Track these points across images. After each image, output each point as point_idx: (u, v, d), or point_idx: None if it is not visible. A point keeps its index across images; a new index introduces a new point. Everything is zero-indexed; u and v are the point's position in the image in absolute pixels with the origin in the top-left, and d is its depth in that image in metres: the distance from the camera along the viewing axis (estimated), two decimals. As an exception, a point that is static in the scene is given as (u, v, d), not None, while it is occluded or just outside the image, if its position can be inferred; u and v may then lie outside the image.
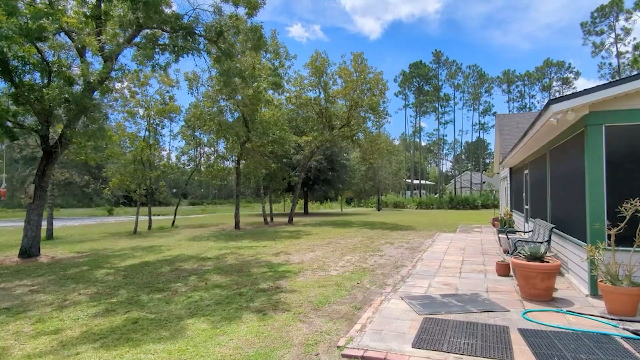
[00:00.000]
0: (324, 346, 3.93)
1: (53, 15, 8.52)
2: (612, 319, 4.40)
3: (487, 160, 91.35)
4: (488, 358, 3.44)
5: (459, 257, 8.89)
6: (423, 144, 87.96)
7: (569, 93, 5.60)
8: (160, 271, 8.00)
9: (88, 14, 9.59)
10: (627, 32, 43.66)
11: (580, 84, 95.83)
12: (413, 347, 3.73)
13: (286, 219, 24.09)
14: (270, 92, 17.29)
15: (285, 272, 7.72)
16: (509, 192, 17.65)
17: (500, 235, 9.88)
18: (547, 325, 4.24)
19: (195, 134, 21.44)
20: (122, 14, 9.13)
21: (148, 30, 10.13)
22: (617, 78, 45.34)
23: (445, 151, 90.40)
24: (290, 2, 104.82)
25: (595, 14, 45.86)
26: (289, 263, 8.73)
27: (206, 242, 12.76)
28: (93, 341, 4.17)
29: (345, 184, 32.96)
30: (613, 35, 44.88)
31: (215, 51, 9.72)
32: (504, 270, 6.89)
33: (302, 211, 35.54)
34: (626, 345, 3.65)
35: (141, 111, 18.33)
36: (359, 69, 20.90)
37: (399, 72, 75.20)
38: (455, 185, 70.98)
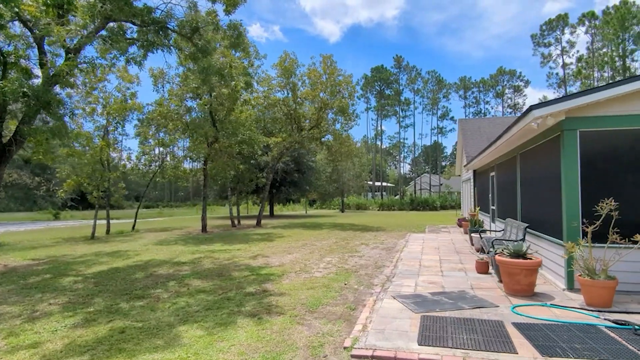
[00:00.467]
0: (329, 348, 3.93)
1: (10, 1, 7.86)
2: (592, 310, 4.76)
3: (444, 163, 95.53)
4: (493, 352, 3.60)
5: (436, 257, 9.20)
6: (384, 146, 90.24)
7: (549, 99, 5.99)
8: (134, 277, 7.60)
9: (49, 2, 8.94)
10: (572, 45, 47.51)
11: (529, 92, 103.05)
12: (419, 344, 3.82)
13: (253, 222, 23.77)
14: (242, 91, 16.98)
15: (268, 275, 7.62)
16: (472, 194, 18.53)
17: (473, 234, 10.33)
18: (537, 318, 4.50)
19: (159, 133, 20.55)
20: (89, 3, 8.59)
21: (114, 24, 9.63)
22: (568, 88, 49.03)
23: (403, 154, 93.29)
24: (249, 1, 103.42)
25: (544, 27, 49.46)
26: (270, 266, 8.62)
27: (175, 246, 12.28)
28: (80, 353, 3.88)
29: (312, 186, 33.03)
30: (560, 47, 48.65)
31: (190, 48, 9.41)
32: (483, 268, 7.23)
33: (268, 213, 35.15)
34: (612, 334, 3.96)
35: (99, 108, 17.33)
36: (328, 71, 21.11)
37: (360, 76, 76.74)
38: (415, 187, 73.34)
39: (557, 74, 49.99)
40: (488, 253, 8.55)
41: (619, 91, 5.44)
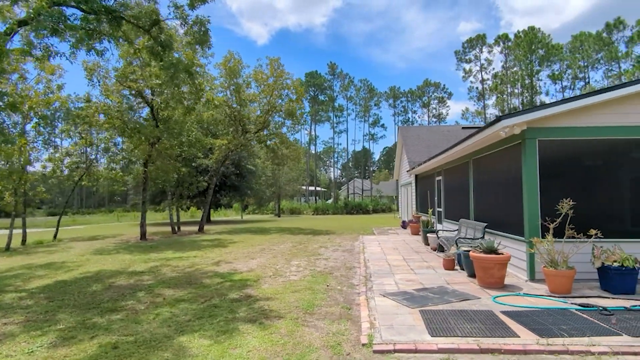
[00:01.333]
0: (348, 346, 4.04)
1: None
2: (558, 297, 5.50)
3: (372, 169, 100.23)
4: (499, 337, 4.02)
5: (399, 257, 9.74)
6: (317, 151, 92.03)
7: (516, 111, 6.77)
8: (91, 290, 6.92)
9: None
10: (489, 62, 53.18)
11: (451, 104, 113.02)
12: (432, 336, 4.11)
13: (192, 228, 22.79)
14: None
15: (243, 280, 7.45)
16: (414, 197, 19.81)
17: (429, 235, 11.10)
18: (519, 306, 5.09)
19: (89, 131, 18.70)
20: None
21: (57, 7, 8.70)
22: (485, 101, 54.44)
23: (334, 159, 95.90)
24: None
25: (466, 44, 54.69)
26: (239, 272, 8.42)
27: (120, 256, 11.34)
28: (79, 374, 3.52)
29: (253, 190, 32.51)
30: (479, 64, 54.14)
31: (147, 41, 8.81)
32: (450, 264, 7.86)
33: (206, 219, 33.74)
34: (584, 315, 4.64)
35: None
36: (275, 74, 21.07)
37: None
38: (348, 191, 75.69)
39: (477, 87, 55.49)
40: (443, 251, 9.29)
41: (570, 107, 6.36)
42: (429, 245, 11.35)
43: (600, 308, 4.82)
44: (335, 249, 11.82)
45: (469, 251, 6.98)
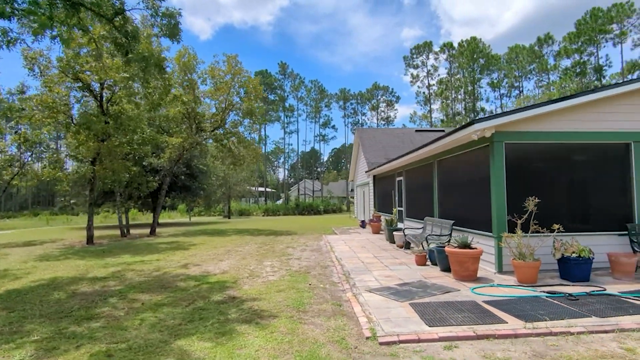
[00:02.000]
0: (353, 340, 4.18)
1: None
2: (526, 286, 6.06)
3: (320, 170, 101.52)
4: (490, 324, 4.38)
5: (369, 254, 10.07)
6: (266, 151, 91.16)
7: (485, 116, 7.32)
8: (54, 298, 6.40)
9: None
10: (435, 69, 56.23)
11: (399, 107, 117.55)
12: (430, 326, 4.38)
13: (139, 231, 21.67)
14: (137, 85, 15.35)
15: (220, 282, 7.31)
16: (372, 197, 20.45)
17: (395, 232, 11.58)
18: (497, 296, 5.55)
19: (21, 126, 17.02)
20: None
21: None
22: (432, 105, 57.37)
23: (285, 159, 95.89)
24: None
25: (414, 51, 57.36)
26: (212, 274, 8.22)
27: (71, 261, 10.52)
28: (80, 385, 3.30)
29: (205, 191, 31.51)
30: (425, 70, 57.04)
31: (113, 33, 8.28)
32: (422, 260, 8.30)
33: (151, 221, 32.13)
34: (555, 302, 5.19)
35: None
36: (233, 71, 20.67)
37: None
38: (299, 192, 75.93)
39: (423, 92, 58.38)
40: (409, 248, 9.77)
41: (531, 113, 7.03)
42: (394, 243, 11.83)
43: (567, 294, 5.41)
44: (303, 249, 11.90)
45: (442, 247, 7.44)
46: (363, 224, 19.38)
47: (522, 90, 50.62)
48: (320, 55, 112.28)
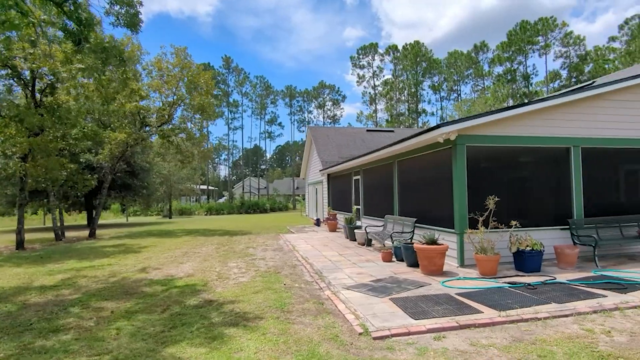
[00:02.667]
0: (346, 336, 4.35)
1: None
2: (489, 278, 6.65)
3: (263, 167, 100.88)
4: (469, 314, 4.78)
5: (334, 252, 10.30)
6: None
7: (451, 120, 7.82)
8: (3, 311, 5.82)
9: None
10: (381, 70, 58.22)
11: (345, 106, 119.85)
12: (415, 319, 4.68)
13: (73, 234, 20.11)
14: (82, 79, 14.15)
15: (189, 286, 7.10)
16: (326, 195, 20.80)
17: (356, 230, 11.93)
18: (466, 288, 6.03)
19: None
20: None
21: None
22: (377, 105, 59.33)
23: (223, 157, 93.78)
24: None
25: (360, 51, 58.90)
26: (177, 277, 7.95)
27: (6, 270, 9.52)
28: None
29: (148, 190, 29.87)
30: (371, 71, 58.84)
31: (62, 20, 7.59)
32: (387, 257, 8.69)
33: (85, 223, 29.88)
34: (517, 291, 5.77)
35: None
36: (182, 65, 19.82)
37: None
38: (243, 190, 74.74)
39: (369, 93, 60.22)
40: (370, 245, 10.19)
41: (491, 118, 7.67)
42: (355, 240, 12.20)
43: (526, 284, 6.03)
44: (264, 249, 11.84)
45: (410, 244, 7.88)
46: (318, 222, 19.65)
47: (460, 94, 54.28)
48: (263, 50, 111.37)
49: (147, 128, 21.11)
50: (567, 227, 8.05)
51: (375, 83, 58.75)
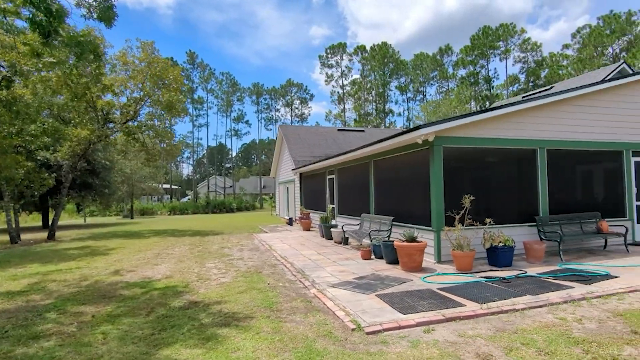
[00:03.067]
0: (340, 332, 4.49)
1: None
2: (465, 273, 7.01)
3: (228, 166, 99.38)
4: (452, 307, 5.06)
5: (312, 251, 10.42)
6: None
7: (429, 122, 8.13)
8: (-30, 319, 5.50)
9: None
10: (349, 70, 58.90)
11: (313, 105, 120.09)
12: (404, 314, 4.89)
13: (30, 236, 19.05)
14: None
15: (170, 288, 6.99)
16: (299, 194, 20.88)
17: (333, 229, 12.10)
18: (446, 283, 6.33)
19: None
20: None
21: None
22: (346, 105, 59.93)
23: (186, 154, 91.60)
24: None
25: (329, 51, 59.31)
26: (155, 279, 7.78)
27: (-38, 275, 8.93)
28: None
29: (110, 189, 28.64)
30: (340, 70, 59.41)
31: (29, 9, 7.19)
32: (367, 255, 8.92)
33: (40, 224, 28.28)
34: (494, 285, 6.14)
35: None
36: (149, 59, 19.19)
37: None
38: (209, 188, 73.32)
39: (338, 92, 60.77)
40: (347, 243, 10.41)
41: (466, 121, 8.06)
42: (331, 239, 12.38)
43: (501, 278, 6.43)
44: (240, 249, 11.78)
45: (389, 242, 8.14)
46: (291, 222, 19.69)
47: (426, 95, 56.00)
48: (227, 45, 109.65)
49: (111, 125, 20.35)
50: (535, 224, 8.62)
51: (344, 82, 59.45)
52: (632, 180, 9.75)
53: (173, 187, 78.95)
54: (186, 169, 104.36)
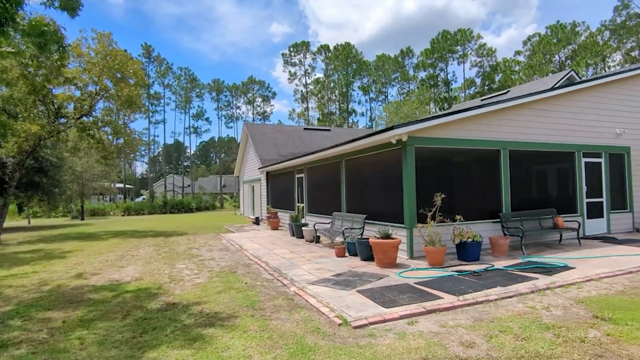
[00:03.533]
0: (327, 327, 4.60)
1: None
2: (438, 268, 7.35)
3: (186, 164, 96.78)
4: (432, 300, 5.32)
5: (285, 250, 10.45)
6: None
7: (402, 123, 8.39)
8: None
9: None
10: (313, 69, 59.11)
11: (274, 103, 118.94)
12: (387, 308, 5.08)
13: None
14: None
15: (143, 290, 6.79)
16: (265, 193, 20.75)
17: (304, 228, 12.17)
18: (422, 277, 6.62)
19: None
20: None
21: None
22: (309, 104, 60.02)
23: (141, 152, 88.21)
24: None
25: (292, 49, 59.20)
26: (124, 282, 7.51)
27: None
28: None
29: (61, 189, 26.97)
30: (303, 69, 59.50)
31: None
32: (341, 252, 9.09)
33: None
34: (466, 278, 6.49)
35: None
36: (107, 52, 18.30)
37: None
38: (166, 188, 71.02)
39: (301, 90, 60.82)
40: (319, 242, 10.56)
41: (437, 122, 8.44)
42: (302, 238, 12.46)
43: (472, 271, 6.81)
44: (209, 250, 11.57)
45: (364, 239, 8.35)
46: (257, 221, 19.53)
47: (387, 96, 57.37)
48: (185, 40, 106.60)
49: (63, 120, 19.21)
50: (499, 220, 9.17)
51: (307, 81, 59.62)
52: (582, 179, 10.62)
53: (127, 186, 75.58)
54: (140, 168, 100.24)
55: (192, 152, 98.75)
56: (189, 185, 76.86)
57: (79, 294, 6.73)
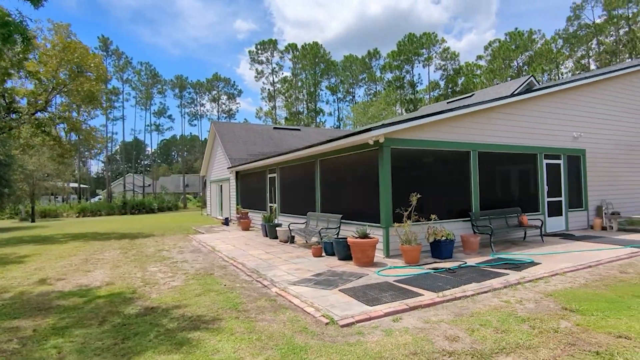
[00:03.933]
0: (315, 327, 4.67)
1: None
2: (414, 266, 7.60)
3: (146, 162, 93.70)
4: (413, 297, 5.51)
5: (260, 251, 10.41)
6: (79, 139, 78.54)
7: (380, 124, 8.58)
8: None
9: None
10: (280, 67, 58.84)
11: (241, 101, 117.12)
12: (370, 306, 5.22)
13: None
14: None
15: (116, 295, 6.57)
16: (235, 193, 20.48)
17: (278, 228, 12.15)
18: (400, 275, 6.83)
19: None
20: None
21: None
22: (277, 103, 59.56)
23: (96, 150, 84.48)
24: None
25: (259, 47, 58.62)
26: (94, 287, 7.22)
27: None
28: None
29: (11, 189, 25.31)
30: (270, 67, 59.10)
31: None
32: (318, 252, 9.19)
33: None
34: (442, 275, 6.77)
35: None
36: (65, 44, 17.40)
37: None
38: (125, 188, 68.41)
39: (268, 89, 60.37)
40: (293, 242, 10.62)
41: (412, 124, 8.70)
42: (276, 238, 12.44)
43: (447, 269, 7.10)
44: (180, 251, 11.31)
45: (342, 239, 8.49)
46: (227, 222, 19.25)
47: (355, 96, 58.12)
48: (142, 32, 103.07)
49: (15, 115, 18.10)
50: (469, 219, 9.59)
51: (274, 80, 59.29)
52: (544, 179, 11.30)
53: (82, 186, 72.02)
54: (96, 166, 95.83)
55: (153, 151, 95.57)
56: (149, 185, 74.39)
57: (45, 300, 6.42)
